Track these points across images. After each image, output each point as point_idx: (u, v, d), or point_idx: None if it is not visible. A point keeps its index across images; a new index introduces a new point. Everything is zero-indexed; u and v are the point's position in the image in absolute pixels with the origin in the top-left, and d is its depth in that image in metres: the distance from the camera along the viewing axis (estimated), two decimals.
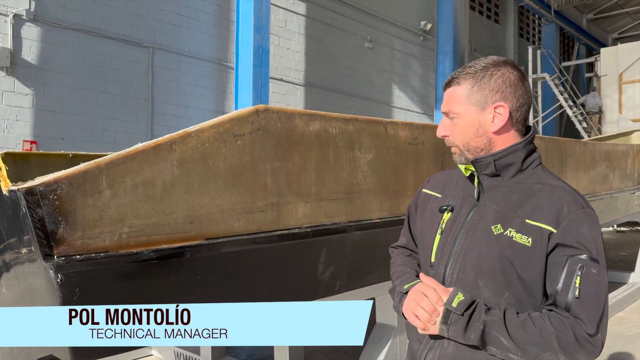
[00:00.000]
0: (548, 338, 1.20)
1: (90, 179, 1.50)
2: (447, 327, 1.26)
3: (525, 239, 1.27)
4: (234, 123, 1.83)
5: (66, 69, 7.62)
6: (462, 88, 1.36)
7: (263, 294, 2.09)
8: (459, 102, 1.37)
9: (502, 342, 1.22)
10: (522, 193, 1.33)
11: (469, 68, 1.37)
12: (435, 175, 1.62)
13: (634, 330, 5.07)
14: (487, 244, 1.32)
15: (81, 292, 1.51)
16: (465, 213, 1.39)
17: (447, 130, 1.41)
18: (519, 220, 1.30)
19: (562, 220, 1.26)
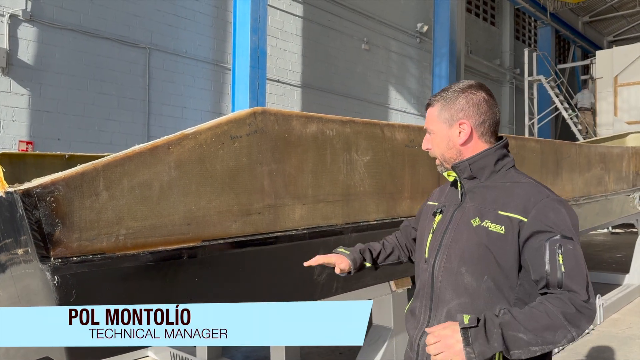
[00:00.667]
0: (555, 317, 1.35)
1: (87, 181, 1.50)
2: (472, 347, 1.34)
3: (499, 227, 1.48)
4: (231, 125, 1.84)
5: (62, 70, 7.60)
6: (435, 109, 1.64)
7: (260, 295, 2.09)
8: (433, 121, 1.64)
9: (522, 337, 1.34)
10: (496, 191, 1.56)
11: (443, 92, 1.65)
12: (436, 190, 1.88)
13: (628, 332, 5.09)
14: (468, 235, 1.54)
15: (78, 294, 1.51)
16: (450, 213, 1.63)
17: (429, 144, 1.67)
18: (493, 213, 1.51)
19: (530, 210, 1.46)
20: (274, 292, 2.15)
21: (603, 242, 12.61)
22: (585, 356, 4.45)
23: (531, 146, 3.89)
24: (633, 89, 15.51)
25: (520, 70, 19.30)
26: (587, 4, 21.85)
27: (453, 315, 1.51)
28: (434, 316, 1.58)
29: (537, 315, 1.36)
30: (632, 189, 6.04)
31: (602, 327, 5.25)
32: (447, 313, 1.54)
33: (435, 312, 1.58)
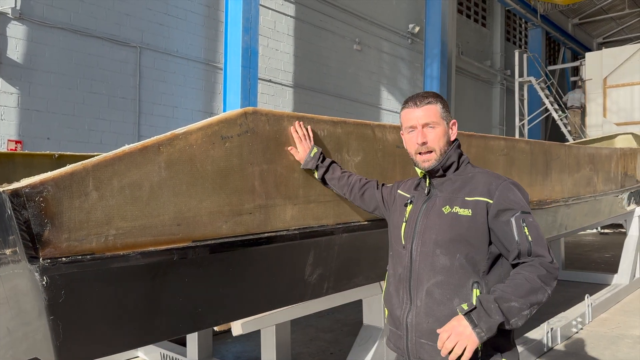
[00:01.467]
0: (534, 281, 1.60)
1: (77, 181, 1.49)
2: (479, 327, 1.53)
3: (467, 211, 1.74)
4: (222, 125, 1.83)
5: (52, 68, 7.54)
6: (437, 107, 1.84)
7: (250, 296, 2.09)
8: (437, 116, 1.83)
9: (514, 305, 1.56)
10: (460, 182, 1.82)
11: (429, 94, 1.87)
12: (408, 180, 2.08)
13: (617, 331, 5.14)
14: (440, 221, 1.77)
15: (67, 295, 1.50)
16: (420, 204, 1.87)
17: (425, 137, 1.82)
18: (460, 200, 1.76)
19: (493, 193, 1.73)
20: (265, 292, 2.15)
21: (592, 242, 12.72)
22: (574, 355, 4.48)
23: (521, 147, 3.92)
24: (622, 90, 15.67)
25: (511, 71, 19.42)
26: (577, 6, 22.04)
27: (432, 292, 1.73)
28: (415, 295, 1.78)
29: (520, 283, 1.59)
30: (620, 190, 6.10)
31: (590, 327, 5.30)
32: (427, 291, 1.75)
33: (416, 291, 1.78)
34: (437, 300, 1.72)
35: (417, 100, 1.84)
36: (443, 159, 1.82)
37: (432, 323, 1.72)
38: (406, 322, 1.79)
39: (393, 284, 1.90)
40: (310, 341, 4.92)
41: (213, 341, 4.27)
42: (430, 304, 1.73)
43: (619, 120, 15.62)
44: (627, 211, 6.79)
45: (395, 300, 1.86)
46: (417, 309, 1.76)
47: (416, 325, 1.76)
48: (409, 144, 1.89)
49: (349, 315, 5.76)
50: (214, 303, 1.91)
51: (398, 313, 1.83)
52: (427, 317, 1.74)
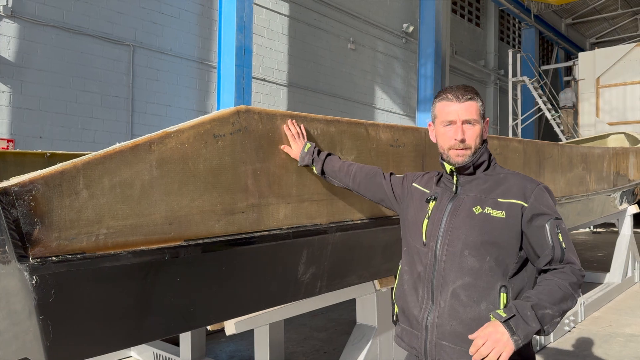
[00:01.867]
0: (565, 289, 1.58)
1: (67, 180, 1.48)
2: (516, 334, 1.49)
3: (500, 212, 1.69)
4: (214, 124, 1.82)
5: (45, 67, 7.49)
6: (477, 104, 1.78)
7: (243, 295, 2.08)
8: (477, 114, 1.78)
9: (549, 313, 1.54)
10: (491, 182, 1.78)
11: (470, 89, 1.80)
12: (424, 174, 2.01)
13: (609, 330, 5.17)
14: (470, 222, 1.71)
15: (57, 294, 1.49)
16: (446, 202, 1.80)
17: (463, 134, 1.75)
18: (492, 201, 1.72)
19: (528, 196, 1.70)
20: (258, 292, 2.14)
21: (584, 241, 12.79)
22: (567, 353, 4.50)
23: (514, 146, 3.93)
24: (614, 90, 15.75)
25: (505, 71, 19.50)
26: (570, 6, 22.15)
27: (458, 293, 1.68)
28: (438, 296, 1.72)
29: (553, 290, 1.57)
30: (612, 189, 6.13)
31: (583, 325, 5.33)
32: (453, 293, 1.70)
33: (439, 292, 1.72)
34: (463, 302, 1.68)
35: (459, 94, 1.76)
36: (475, 156, 1.77)
37: (456, 325, 1.68)
38: (426, 322, 1.74)
39: (409, 282, 1.84)
40: (304, 340, 4.92)
41: (206, 340, 4.26)
42: (455, 306, 1.69)
43: (611, 120, 15.71)
44: (619, 210, 6.83)
45: (411, 299, 1.81)
46: (440, 310, 1.71)
47: (438, 326, 1.71)
48: (442, 137, 1.80)
49: (343, 314, 5.76)
50: (206, 302, 1.90)
51: (415, 312, 1.78)
52: (451, 319, 1.69)
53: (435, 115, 1.84)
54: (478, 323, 1.63)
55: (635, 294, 6.76)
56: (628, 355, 4.43)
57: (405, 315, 1.84)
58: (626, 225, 7.23)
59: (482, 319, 1.65)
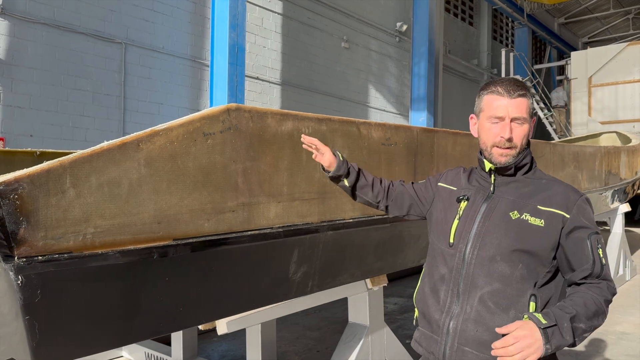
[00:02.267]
0: (599, 304, 1.53)
1: (53, 178, 1.46)
2: (549, 343, 1.43)
3: (539, 221, 1.61)
4: (204, 122, 1.81)
5: (35, 64, 7.43)
6: (528, 101, 1.67)
7: (234, 295, 2.07)
8: (527, 112, 1.66)
9: (581, 327, 1.49)
10: (531, 186, 1.69)
11: (521, 84, 1.68)
12: (447, 172, 1.94)
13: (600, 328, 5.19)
14: (506, 226, 1.63)
15: (43, 294, 1.47)
16: (480, 202, 1.71)
17: (511, 132, 1.64)
18: (532, 207, 1.63)
19: (571, 207, 1.62)
20: (249, 291, 2.13)
21: None
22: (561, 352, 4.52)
23: None
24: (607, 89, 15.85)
25: (498, 70, 19.55)
26: (563, 5, 22.25)
27: (486, 300, 1.61)
28: (464, 301, 1.64)
29: (589, 304, 1.52)
30: (604, 188, 6.16)
31: None
32: (480, 298, 1.62)
33: (466, 296, 1.64)
34: (491, 309, 1.60)
35: (511, 89, 1.65)
36: (519, 157, 1.67)
37: (481, 332, 1.61)
38: (448, 327, 1.66)
39: (429, 284, 1.76)
40: (297, 339, 4.91)
41: (198, 340, 4.24)
42: (482, 312, 1.61)
43: (603, 119, 15.80)
44: (610, 209, 6.87)
45: (432, 302, 1.72)
46: (465, 315, 1.63)
47: (461, 331, 1.63)
48: (487, 133, 1.68)
49: (336, 313, 5.76)
50: (195, 302, 1.88)
51: (436, 316, 1.70)
52: (477, 325, 1.61)
53: (481, 109, 1.72)
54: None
55: (626, 292, 6.80)
56: (619, 353, 4.45)
57: (425, 319, 1.75)
58: (618, 224, 7.27)
59: None
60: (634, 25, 24.10)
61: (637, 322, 5.39)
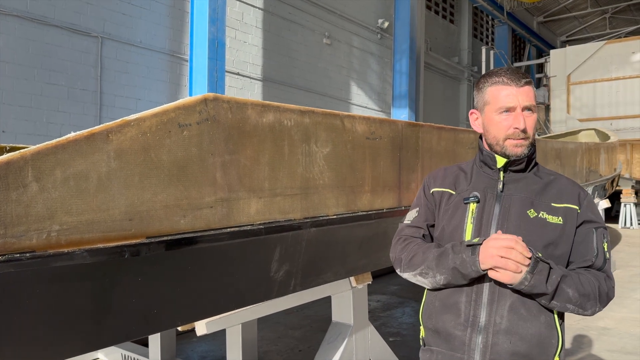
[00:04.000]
0: (594, 289, 1.49)
1: (13, 171, 1.34)
2: (532, 276, 1.41)
3: (557, 218, 1.55)
4: (179, 112, 1.70)
5: (7, 58, 7.18)
6: (534, 89, 1.60)
7: (212, 295, 1.97)
8: (535, 100, 1.59)
9: (568, 293, 1.45)
10: (539, 183, 1.61)
11: (523, 72, 1.61)
12: (435, 177, 1.78)
13: (582, 323, 5.21)
14: (527, 226, 1.54)
15: (2, 297, 1.35)
16: (492, 203, 1.60)
17: (524, 123, 1.55)
18: (546, 205, 1.57)
19: (582, 202, 1.59)
20: (228, 291, 2.03)
21: None
22: None
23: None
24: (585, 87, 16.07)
25: (478, 68, 19.68)
26: (542, 4, 22.50)
27: (517, 307, 1.50)
28: (492, 311, 1.51)
29: (584, 281, 1.49)
30: (585, 184, 6.20)
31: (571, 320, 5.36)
32: (511, 307, 1.50)
33: (495, 306, 1.51)
34: (524, 316, 1.49)
35: (516, 78, 1.55)
36: (532, 149, 1.59)
37: (515, 342, 1.49)
38: (476, 342, 1.51)
39: (443, 298, 1.59)
40: (279, 339, 4.82)
41: (177, 341, 4.12)
42: (514, 321, 1.49)
43: (582, 117, 16.03)
44: None
45: (449, 317, 1.56)
46: (495, 327, 1.50)
47: (492, 345, 1.50)
48: (497, 126, 1.57)
49: (319, 311, 5.68)
50: (171, 303, 1.78)
51: (458, 332, 1.54)
52: (509, 335, 1.49)
53: (486, 102, 1.61)
54: (539, 339, 1.50)
55: None
56: (601, 349, 4.46)
57: (441, 337, 1.58)
58: None
59: (542, 334, 1.50)
60: (611, 24, 24.50)
61: (618, 317, 5.43)
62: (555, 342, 1.52)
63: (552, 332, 1.52)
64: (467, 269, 1.48)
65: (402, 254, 1.66)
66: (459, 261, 1.49)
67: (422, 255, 1.58)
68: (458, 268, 1.49)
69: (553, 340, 1.52)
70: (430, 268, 1.55)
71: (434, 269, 1.54)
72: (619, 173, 8.17)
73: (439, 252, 1.56)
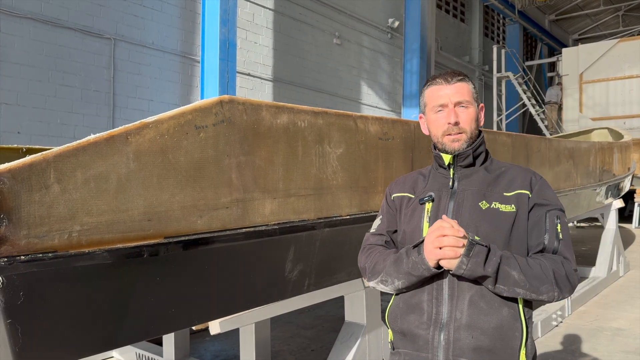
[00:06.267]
0: (547, 272, 1.45)
1: (36, 173, 1.37)
2: (469, 259, 1.41)
3: (510, 207, 1.55)
4: (196, 114, 1.73)
5: (22, 60, 7.28)
6: (468, 85, 1.64)
7: (228, 295, 1.99)
8: (469, 96, 1.63)
9: (513, 275, 1.43)
10: (491, 176, 1.63)
11: (459, 72, 1.67)
12: (396, 183, 1.81)
13: (595, 324, 5.17)
14: (477, 218, 1.54)
15: (26, 296, 1.38)
16: (446, 199, 1.61)
17: (457, 117, 1.60)
18: (498, 195, 1.57)
19: (533, 186, 1.59)
20: (244, 290, 2.06)
21: None
22: (555, 348, 4.49)
23: (502, 140, 3.88)
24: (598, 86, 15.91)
25: (489, 66, 19.58)
26: (554, 2, 22.31)
27: (476, 301, 1.49)
28: (453, 306, 1.50)
29: (532, 263, 1.46)
30: (598, 183, 6.15)
31: (570, 320, 5.33)
32: (470, 301, 1.49)
33: (454, 302, 1.50)
34: (484, 310, 1.48)
35: (448, 77, 1.62)
36: (475, 143, 1.61)
37: (477, 337, 1.47)
38: (439, 340, 1.50)
39: (404, 298, 1.59)
40: (291, 338, 4.84)
41: (190, 340, 4.16)
42: (474, 315, 1.48)
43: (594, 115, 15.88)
44: (604, 205, 6.86)
45: (414, 318, 1.55)
46: (456, 323, 1.49)
47: (455, 342, 1.48)
48: (435, 124, 1.63)
49: (330, 311, 5.69)
50: (188, 303, 1.81)
51: (422, 332, 1.53)
52: (471, 330, 1.47)
53: (425, 104, 1.68)
54: (500, 331, 1.48)
55: (620, 287, 6.80)
56: (615, 350, 4.42)
57: (407, 338, 1.57)
58: (611, 220, 7.27)
59: (504, 327, 1.48)
60: (624, 22, 24.24)
61: (632, 317, 5.38)
62: (519, 334, 1.49)
63: (515, 324, 1.49)
64: (418, 271, 1.49)
65: (365, 263, 1.67)
66: (410, 264, 1.51)
67: (382, 263, 1.59)
68: (410, 272, 1.51)
69: (517, 333, 1.49)
70: (389, 274, 1.56)
71: (392, 275, 1.56)
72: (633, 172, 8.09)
73: (395, 257, 1.57)
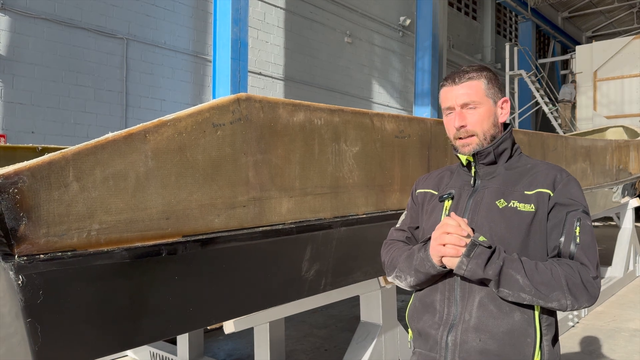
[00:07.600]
0: (558, 278, 1.35)
1: (55, 171, 1.37)
2: (469, 260, 1.35)
3: (529, 206, 1.46)
4: (213, 112, 1.71)
5: (36, 60, 7.34)
6: (480, 83, 1.55)
7: (245, 294, 1.98)
8: (479, 95, 1.54)
9: (518, 280, 1.35)
10: (515, 174, 1.55)
11: (471, 68, 1.58)
12: (422, 178, 1.78)
13: (613, 325, 5.10)
14: (494, 217, 1.47)
15: (45, 295, 1.38)
16: (465, 197, 1.56)
17: (464, 120, 1.53)
18: (518, 194, 1.49)
19: (556, 185, 1.48)
20: (261, 290, 2.04)
21: None
22: (572, 349, 4.43)
23: (519, 138, 3.83)
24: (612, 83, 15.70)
25: (502, 64, 19.41)
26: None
27: (486, 303, 1.43)
28: (463, 307, 1.46)
29: (541, 269, 1.37)
30: (614, 182, 6.06)
31: (586, 320, 5.26)
32: (480, 303, 1.44)
33: (464, 303, 1.46)
34: (493, 313, 1.42)
35: (457, 77, 1.55)
36: (496, 141, 1.53)
37: (485, 340, 1.42)
38: (446, 341, 1.46)
39: (420, 296, 1.57)
40: (304, 337, 4.83)
41: (204, 339, 4.16)
42: (483, 318, 1.42)
43: (609, 114, 15.67)
44: (621, 204, 6.76)
45: (427, 317, 1.53)
46: (464, 324, 1.44)
47: (462, 344, 1.44)
48: (447, 127, 1.59)
49: (343, 310, 5.67)
50: (206, 302, 1.79)
51: (433, 332, 1.50)
52: (479, 333, 1.42)
53: (440, 106, 1.64)
54: (511, 337, 1.41)
55: (637, 288, 6.71)
56: (633, 351, 4.36)
57: (422, 338, 1.55)
58: (628, 219, 7.16)
59: (515, 332, 1.41)
60: (639, 18, 23.91)
61: None
62: (532, 341, 1.41)
63: (528, 330, 1.41)
64: (424, 267, 1.46)
65: (385, 257, 1.66)
66: (418, 261, 1.48)
67: (398, 259, 1.58)
68: (417, 268, 1.48)
69: (529, 339, 1.41)
70: (402, 270, 1.55)
71: (404, 271, 1.54)
72: None
73: (408, 253, 1.55)
